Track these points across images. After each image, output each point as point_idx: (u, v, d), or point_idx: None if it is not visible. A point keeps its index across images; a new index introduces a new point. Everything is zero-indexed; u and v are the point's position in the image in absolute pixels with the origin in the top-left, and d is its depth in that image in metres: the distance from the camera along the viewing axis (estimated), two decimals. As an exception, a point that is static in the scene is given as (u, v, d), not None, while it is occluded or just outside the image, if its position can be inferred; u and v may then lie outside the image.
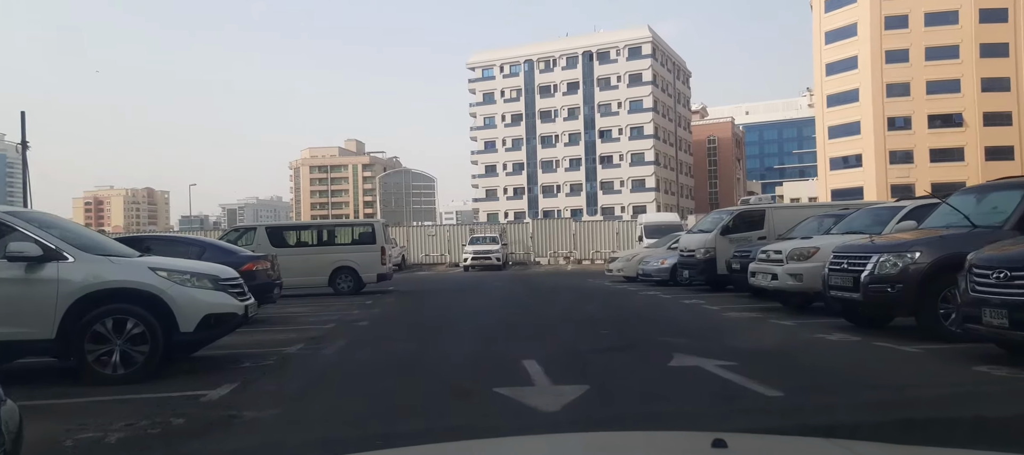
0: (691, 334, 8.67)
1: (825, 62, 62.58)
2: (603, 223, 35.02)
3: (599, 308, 12.21)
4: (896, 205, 10.55)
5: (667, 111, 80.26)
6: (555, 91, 78.87)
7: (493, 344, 8.23)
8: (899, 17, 58.32)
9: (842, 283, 7.88)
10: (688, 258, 15.17)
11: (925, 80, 57.73)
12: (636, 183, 74.54)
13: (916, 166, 57.93)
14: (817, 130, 65.32)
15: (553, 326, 9.90)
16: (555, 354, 7.09)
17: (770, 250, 10.53)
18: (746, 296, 13.12)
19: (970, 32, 56.52)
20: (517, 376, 5.64)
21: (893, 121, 59.09)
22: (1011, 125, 56.68)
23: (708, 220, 16.10)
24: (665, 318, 10.51)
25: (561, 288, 17.42)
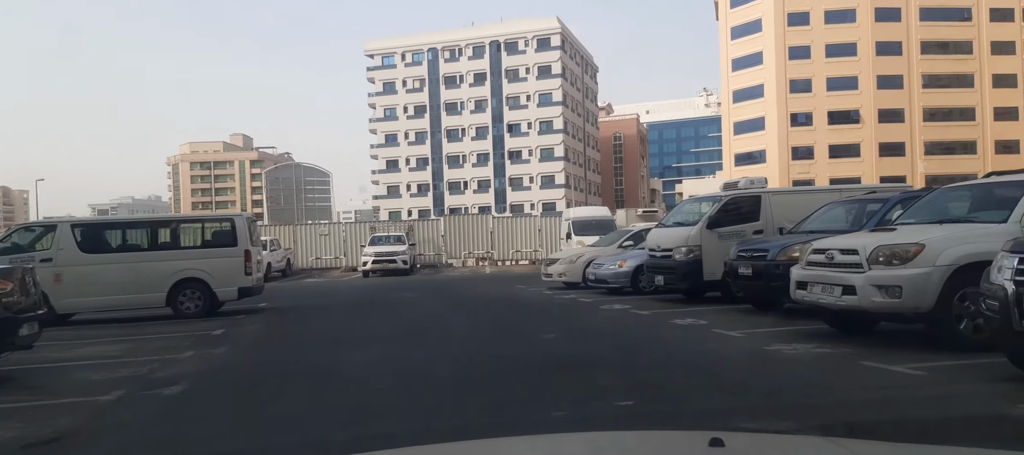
0: (788, 409, 4.82)
1: (731, 58, 62.39)
2: (524, 220, 31.22)
3: (570, 339, 8.29)
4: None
5: (576, 106, 78.16)
6: (461, 82, 74.71)
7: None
8: (801, 14, 58.86)
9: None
10: (662, 259, 11.60)
11: (825, 77, 58.56)
12: (546, 179, 71.76)
13: (816, 162, 58.61)
14: (723, 126, 65.18)
15: (536, 398, 5.88)
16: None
17: (832, 249, 7.02)
18: (746, 309, 9.74)
19: (867, 31, 57.80)
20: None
21: (796, 117, 59.61)
22: (903, 122, 58.48)
23: (683, 210, 12.64)
24: (694, 361, 6.75)
25: (494, 301, 13.43)
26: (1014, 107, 57.53)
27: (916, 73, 57.70)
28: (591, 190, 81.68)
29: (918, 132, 57.63)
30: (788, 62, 58.82)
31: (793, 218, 10.63)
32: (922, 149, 57.45)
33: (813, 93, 58.63)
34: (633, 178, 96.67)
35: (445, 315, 11.43)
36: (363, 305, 13.91)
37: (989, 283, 4.86)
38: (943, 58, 57.56)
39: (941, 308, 6.15)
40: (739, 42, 61.35)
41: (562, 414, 4.40)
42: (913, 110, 57.79)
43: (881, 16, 57.64)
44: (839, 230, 9.03)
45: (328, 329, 10.09)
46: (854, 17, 57.97)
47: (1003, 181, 7.26)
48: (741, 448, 1.37)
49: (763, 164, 59.76)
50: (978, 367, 5.49)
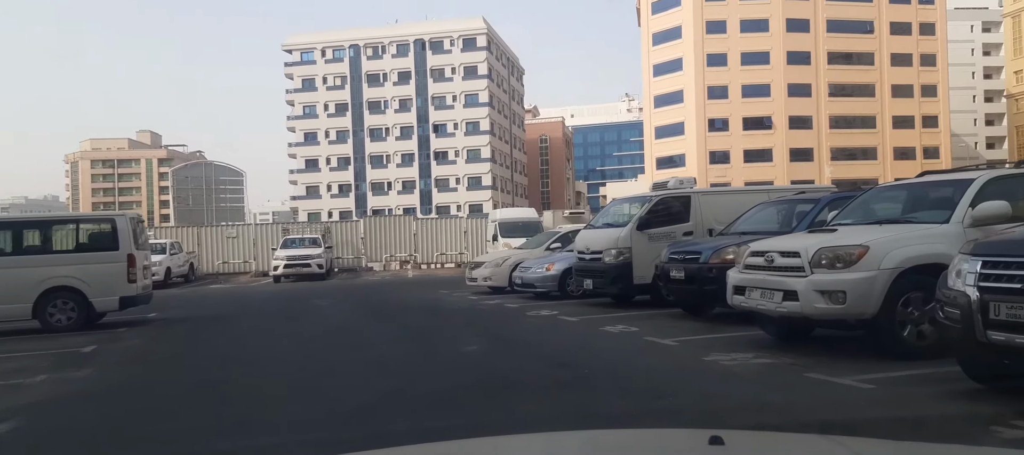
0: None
1: (652, 63, 63.66)
2: (449, 221, 30.22)
3: (494, 352, 7.52)
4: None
5: (503, 107, 77.79)
6: (385, 80, 72.83)
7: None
8: (718, 22, 60.73)
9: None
10: (592, 262, 11.05)
11: (741, 84, 60.62)
12: (472, 180, 70.95)
13: (731, 166, 60.60)
14: (644, 130, 66.43)
15: (453, 431, 5.06)
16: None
17: (772, 251, 6.58)
18: (676, 314, 9.32)
19: (779, 40, 60.24)
20: None
21: (713, 122, 61.44)
22: (812, 128, 61.27)
23: (612, 211, 12.15)
24: (630, 376, 6.13)
25: (413, 308, 12.51)
26: (910, 116, 61.37)
27: (823, 82, 60.58)
28: (518, 192, 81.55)
29: (825, 138, 60.52)
30: (706, 69, 60.53)
31: (722, 219, 10.31)
32: (829, 154, 60.35)
33: (729, 99, 60.57)
34: (559, 180, 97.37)
35: (358, 326, 10.44)
36: (267, 315, 12.68)
37: (947, 289, 4.46)
38: (848, 68, 60.72)
39: (885, 314, 5.80)
40: (660, 48, 62.65)
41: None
42: (820, 117, 60.64)
43: (792, 26, 60.19)
44: (770, 231, 8.72)
45: (218, 345, 8.90)
46: (767, 27, 60.27)
47: (938, 180, 7.06)
48: (741, 447, 1.36)
49: (683, 168, 61.14)
50: (929, 379, 5.13)
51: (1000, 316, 3.97)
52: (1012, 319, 3.90)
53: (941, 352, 5.75)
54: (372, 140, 72.72)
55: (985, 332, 4.08)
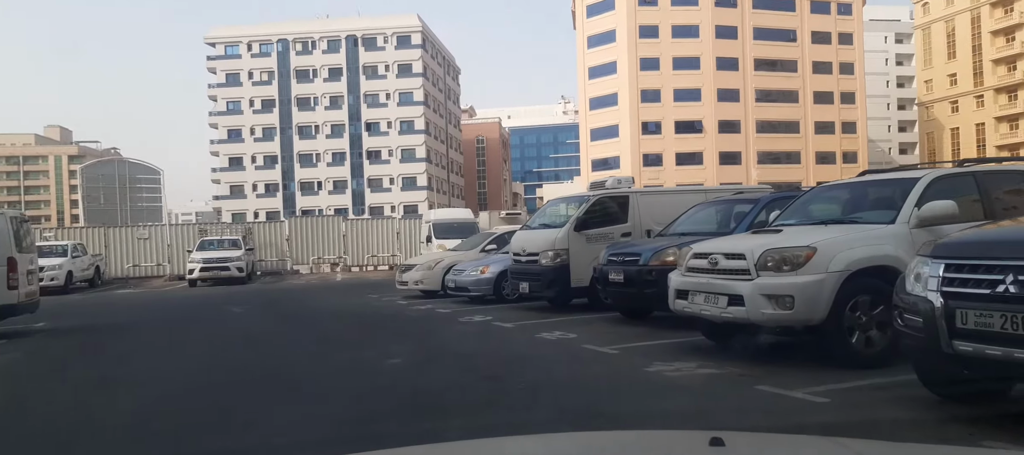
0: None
1: (588, 66, 64.19)
2: (381, 222, 29.11)
3: (422, 363, 6.85)
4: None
5: (438, 106, 76.74)
6: (315, 76, 70.51)
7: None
8: (651, 27, 61.81)
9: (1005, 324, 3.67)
10: (528, 265, 10.54)
11: (673, 88, 61.89)
12: (407, 181, 69.58)
13: (664, 169, 61.75)
14: (580, 132, 66.88)
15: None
16: None
17: (716, 253, 6.21)
18: (614, 318, 8.94)
19: (709, 46, 61.84)
20: None
21: (647, 125, 62.48)
22: (740, 133, 63.17)
23: (549, 212, 11.68)
24: (570, 391, 5.59)
25: (338, 315, 11.66)
26: (831, 122, 64.17)
27: (750, 88, 62.58)
28: (454, 193, 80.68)
29: (752, 142, 62.50)
30: (640, 73, 61.48)
31: (660, 220, 10.02)
32: (755, 158, 62.37)
33: (662, 103, 61.72)
34: (496, 181, 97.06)
35: (271, 335, 9.55)
36: (173, 323, 11.56)
37: (906, 294, 4.12)
38: (773, 75, 62.92)
39: (833, 320, 5.51)
40: (595, 51, 63.21)
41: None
42: (748, 122, 62.60)
43: (721, 33, 61.88)
44: (709, 232, 8.44)
45: (102, 362, 7.81)
46: (698, 33, 61.76)
47: (881, 180, 6.89)
48: (741, 447, 1.36)
49: (618, 170, 61.93)
50: (885, 390, 4.83)
51: (968, 325, 3.65)
52: (982, 328, 3.57)
53: (888, 358, 5.53)
54: (301, 138, 70.31)
55: (951, 342, 3.75)
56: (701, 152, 62.06)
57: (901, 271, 5.73)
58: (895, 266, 5.63)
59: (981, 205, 6.07)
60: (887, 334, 5.60)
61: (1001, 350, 3.50)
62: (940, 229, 5.75)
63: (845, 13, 64.54)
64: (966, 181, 6.24)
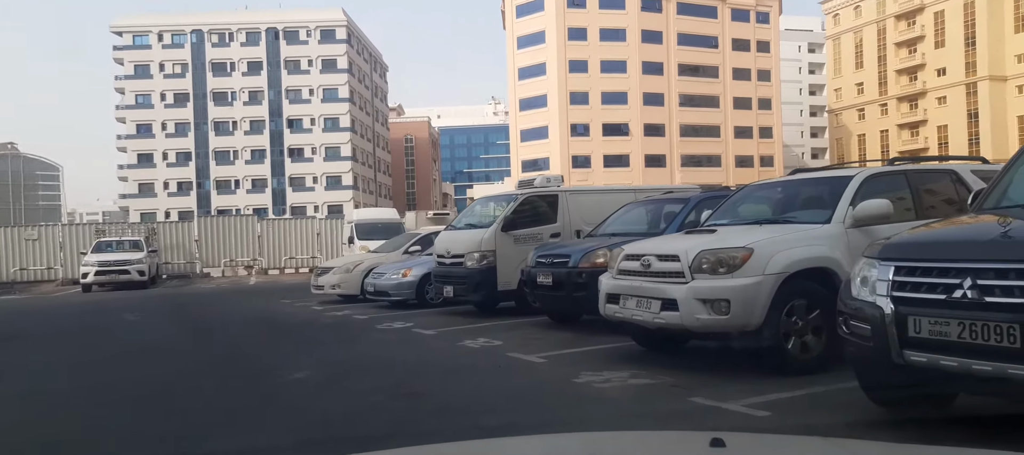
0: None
1: (518, 67, 64.14)
2: (300, 222, 27.63)
3: (328, 379, 6.11)
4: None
5: (365, 104, 74.81)
6: (233, 70, 67.27)
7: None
8: (580, 29, 62.38)
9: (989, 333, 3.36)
10: (452, 267, 9.95)
11: (601, 91, 62.67)
12: (332, 180, 67.40)
13: (592, 171, 62.45)
14: (511, 133, 66.76)
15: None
16: None
17: (648, 254, 5.83)
18: (543, 322, 8.51)
19: (635, 50, 62.98)
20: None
21: (575, 127, 63.02)
22: (664, 136, 64.65)
23: (475, 212, 11.12)
24: (494, 409, 5.03)
25: (244, 323, 10.69)
26: (749, 126, 66.59)
27: (675, 92, 64.14)
28: (382, 192, 78.92)
29: (676, 146, 64.08)
30: (569, 75, 61.89)
31: (591, 220, 9.67)
32: (680, 161, 63.98)
33: (590, 106, 62.37)
34: (425, 182, 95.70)
35: (164, 348, 8.54)
36: (54, 334, 10.29)
37: (851, 299, 3.80)
38: (696, 80, 64.73)
39: (770, 325, 5.21)
40: (525, 52, 63.20)
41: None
42: (672, 126, 64.13)
43: (647, 38, 63.13)
44: (640, 233, 8.12)
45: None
46: (624, 37, 62.78)
47: (814, 178, 6.70)
48: (742, 448, 1.36)
49: (548, 171, 62.14)
50: (826, 401, 4.54)
51: (921, 333, 3.33)
52: (937, 337, 3.27)
53: (824, 365, 5.29)
54: (217, 134, 66.94)
55: (902, 352, 3.43)
56: (628, 154, 63.07)
57: (838, 273, 5.55)
58: (832, 268, 5.41)
59: (912, 204, 5.97)
60: (822, 339, 5.37)
61: (957, 361, 3.19)
62: (874, 229, 5.58)
63: (763, 22, 67.14)
64: (898, 180, 6.12)
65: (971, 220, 3.90)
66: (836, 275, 5.39)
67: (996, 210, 4.03)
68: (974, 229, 3.71)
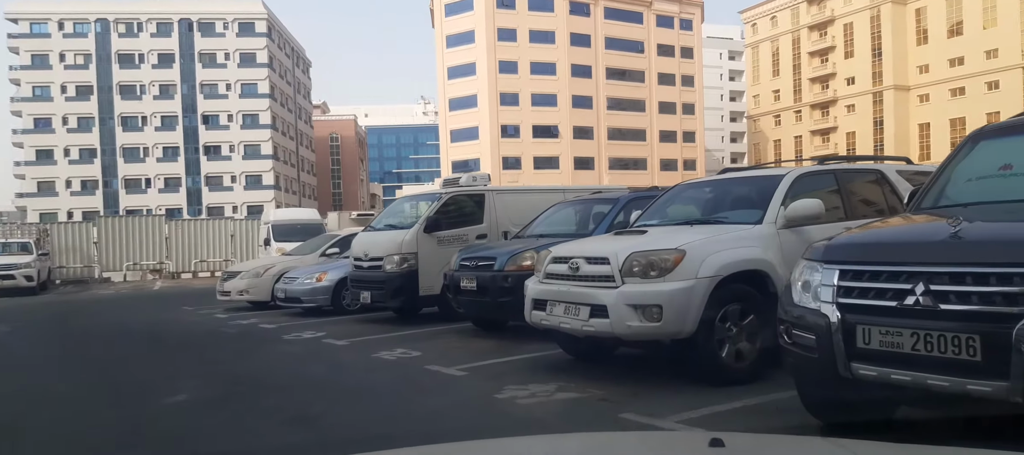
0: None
1: (447, 66, 63.39)
2: (212, 223, 25.89)
3: (212, 402, 5.33)
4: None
5: (287, 100, 72.07)
6: (142, 62, 63.30)
7: None
8: (509, 30, 62.26)
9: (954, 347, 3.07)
10: (370, 271, 9.29)
11: (531, 92, 62.74)
12: (251, 179, 64.49)
13: (523, 172, 62.45)
14: (440, 133, 65.95)
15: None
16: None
17: (577, 257, 5.42)
18: (467, 329, 8.03)
19: (564, 52, 63.41)
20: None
21: (505, 128, 62.86)
22: (593, 139, 65.40)
23: (396, 211, 10.49)
24: (405, 437, 4.45)
25: (136, 334, 9.63)
26: (673, 131, 68.27)
27: (603, 96, 64.99)
28: (305, 193, 76.31)
29: (604, 149, 64.93)
30: (499, 75, 61.65)
31: (518, 221, 9.24)
32: (607, 164, 64.87)
33: (520, 107, 62.33)
34: (352, 182, 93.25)
35: (30, 365, 7.47)
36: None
37: (793, 306, 3.48)
38: (622, 84, 65.80)
39: (703, 332, 4.89)
40: (454, 51, 62.51)
41: None
42: (600, 128, 64.95)
43: (575, 40, 63.68)
44: (569, 234, 7.75)
45: None
46: (554, 39, 63.10)
47: (744, 177, 6.48)
48: (742, 448, 1.37)
49: (477, 171, 61.56)
50: (764, 414, 4.23)
51: (871, 344, 3.02)
52: (888, 349, 2.96)
53: (758, 373, 5.03)
54: (125, 130, 62.87)
55: (849, 364, 3.12)
56: (557, 156, 63.40)
57: (771, 275, 5.31)
58: (765, 270, 5.16)
59: (841, 203, 5.82)
60: (756, 346, 5.11)
61: (911, 375, 2.89)
62: (805, 230, 5.38)
63: (686, 28, 69.00)
64: (827, 179, 5.96)
65: (916, 220, 3.66)
66: (769, 278, 5.15)
67: (935, 210, 3.83)
68: (923, 229, 3.46)
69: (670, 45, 67.77)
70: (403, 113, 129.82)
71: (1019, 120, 3.97)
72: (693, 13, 69.36)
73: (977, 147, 4.01)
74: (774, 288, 5.11)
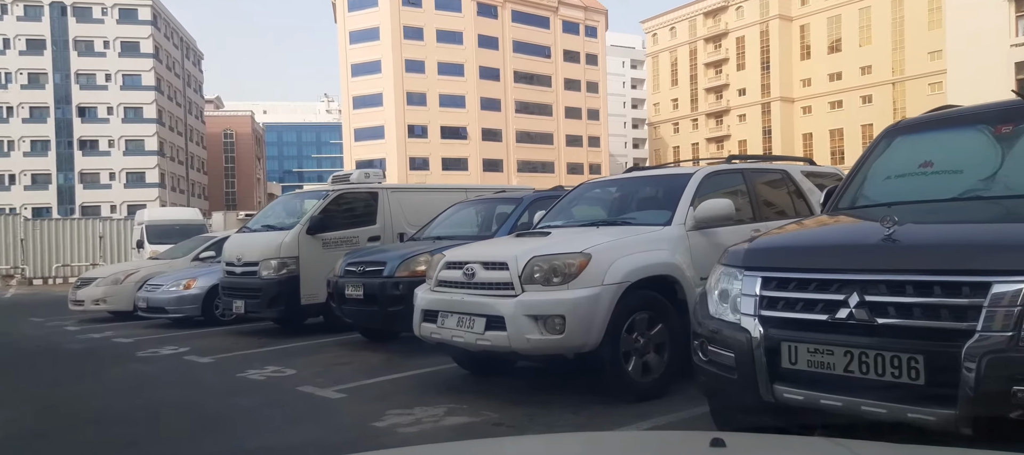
0: None
1: (351, 63, 61.41)
2: (76, 223, 23.13)
3: (25, 436, 4.34)
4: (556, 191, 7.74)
5: (175, 94, 67.28)
6: (7, 48, 57.05)
7: None
8: (416, 29, 61.17)
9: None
10: (244, 277, 8.28)
11: (438, 93, 61.89)
12: (133, 176, 59.59)
13: (430, 173, 61.44)
14: (343, 132, 63.76)
15: None
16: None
17: (472, 261, 4.83)
18: (356, 341, 7.29)
19: (472, 54, 62.99)
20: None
21: (413, 128, 61.68)
22: (502, 141, 65.35)
23: (277, 210, 9.46)
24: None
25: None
26: (579, 135, 69.41)
27: (511, 99, 65.07)
28: (196, 192, 71.59)
29: (512, 151, 65.01)
30: (405, 74, 60.33)
31: (416, 222, 8.56)
32: (516, 166, 64.96)
33: (428, 107, 61.31)
34: (248, 181, 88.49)
35: None
36: None
37: (709, 318, 3.03)
38: (530, 88, 66.19)
39: (609, 344, 4.42)
40: (358, 47, 60.63)
41: None
42: (509, 131, 64.97)
43: (483, 43, 63.41)
44: (470, 236, 7.16)
45: None
46: (461, 40, 62.53)
47: (651, 176, 6.12)
48: (742, 448, 1.37)
49: (371, 168, 59.80)
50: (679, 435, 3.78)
51: (798, 364, 2.60)
52: (817, 369, 2.54)
53: (666, 387, 4.63)
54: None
55: (772, 387, 2.68)
56: (466, 158, 62.83)
57: (680, 281, 4.93)
58: (674, 275, 4.76)
59: (750, 204, 5.56)
60: (665, 359, 4.71)
61: (843, 401, 2.48)
62: (715, 232, 5.05)
63: (591, 35, 70.39)
64: (735, 178, 5.69)
65: (842, 221, 3.31)
66: (679, 284, 4.76)
67: (854, 210, 3.52)
68: (854, 231, 3.09)
69: (576, 51, 68.88)
70: (305, 110, 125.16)
71: (935, 115, 3.74)
72: (598, 21, 70.84)
73: (893, 144, 3.75)
74: (684, 294, 4.74)
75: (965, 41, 29.56)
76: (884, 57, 57.47)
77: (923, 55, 54.37)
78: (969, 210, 3.05)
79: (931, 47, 52.72)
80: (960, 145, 3.44)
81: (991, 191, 3.12)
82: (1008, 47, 27.61)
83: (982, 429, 2.20)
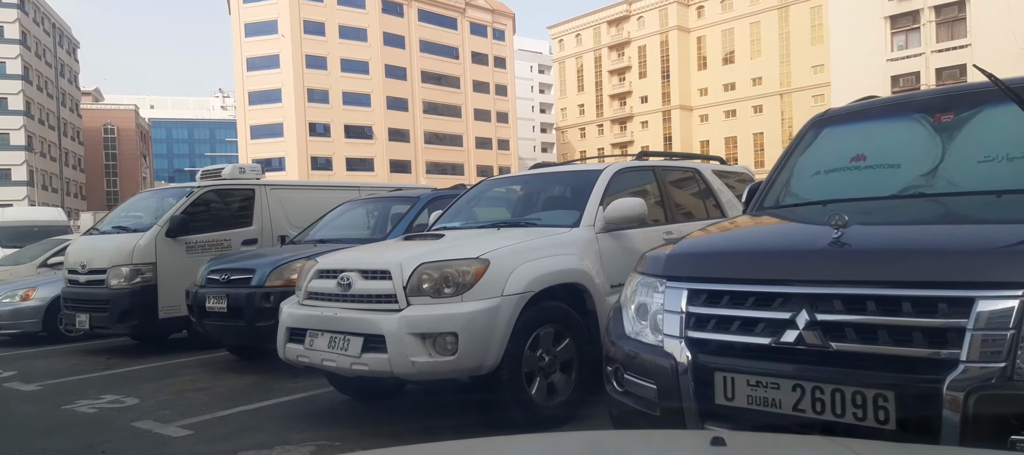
0: None
1: (246, 56, 58.22)
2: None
3: None
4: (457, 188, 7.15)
5: (46, 84, 61.24)
6: None
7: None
8: (317, 24, 58.89)
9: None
10: (89, 287, 7.07)
11: (342, 91, 59.81)
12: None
13: (334, 173, 59.24)
14: (239, 129, 60.35)
15: None
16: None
17: (348, 270, 4.07)
18: (222, 359, 6.36)
19: (378, 52, 61.30)
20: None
21: (314, 127, 59.30)
22: (409, 142, 64.00)
23: (133, 210, 8.20)
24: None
25: None
26: (489, 138, 69.12)
27: (419, 99, 63.84)
28: (71, 191, 65.52)
29: (421, 152, 63.79)
30: (306, 70, 57.85)
31: (301, 224, 7.65)
32: (424, 168, 63.75)
33: (330, 105, 59.07)
34: (132, 179, 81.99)
35: None
36: None
37: (625, 340, 2.46)
38: (439, 88, 65.24)
39: (510, 365, 3.81)
40: (254, 41, 57.59)
41: None
42: (416, 132, 63.70)
43: (389, 41, 61.87)
44: (360, 239, 6.36)
45: None
46: (366, 37, 60.69)
47: (558, 173, 5.58)
48: (742, 447, 1.34)
49: (283, 171, 57.09)
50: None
51: (735, 400, 2.06)
52: (759, 407, 2.01)
53: (573, 411, 4.08)
54: None
55: (703, 428, 2.14)
56: (372, 158, 61.03)
57: (589, 289, 4.40)
58: (583, 283, 4.22)
59: (661, 203, 5.14)
60: (572, 378, 4.15)
61: (792, 444, 1.96)
62: (626, 235, 4.57)
63: (499, 38, 70.33)
64: (647, 175, 5.24)
65: (776, 221, 2.83)
66: (588, 292, 4.23)
67: (781, 210, 3.07)
68: (795, 233, 2.60)
69: (484, 53, 68.60)
70: (197, 106, 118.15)
71: (865, 104, 3.38)
72: (505, 24, 70.85)
73: (821, 135, 3.35)
74: (593, 305, 4.21)
75: (845, 56, 31.53)
76: (773, 69, 60.79)
77: (807, 69, 57.95)
78: (913, 209, 2.65)
79: (814, 61, 56.30)
80: (895, 136, 3.07)
81: (934, 187, 2.74)
82: (885, 61, 29.63)
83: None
